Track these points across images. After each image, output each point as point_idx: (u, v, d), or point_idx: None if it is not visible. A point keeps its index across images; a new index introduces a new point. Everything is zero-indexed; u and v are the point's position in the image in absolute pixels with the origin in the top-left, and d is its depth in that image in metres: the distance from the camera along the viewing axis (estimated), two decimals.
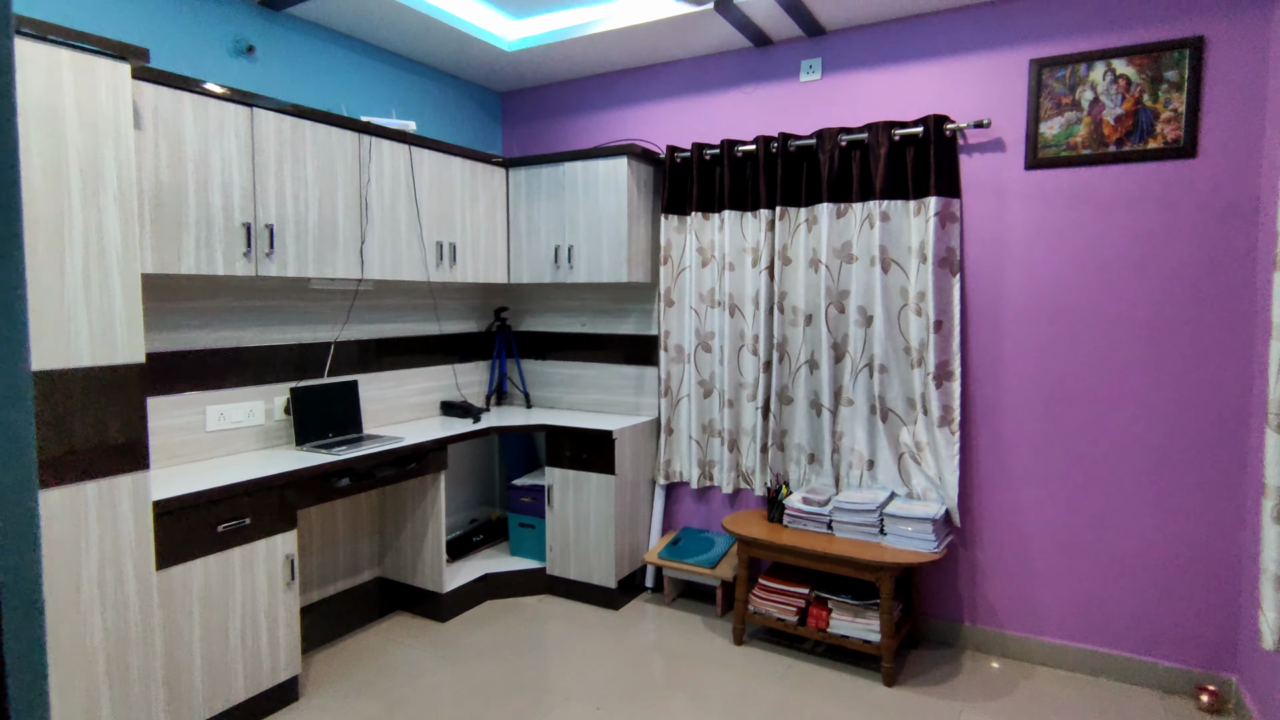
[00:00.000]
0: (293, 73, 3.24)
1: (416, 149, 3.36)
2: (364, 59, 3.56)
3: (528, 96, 4.33)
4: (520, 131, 4.38)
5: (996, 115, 3.06)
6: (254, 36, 3.08)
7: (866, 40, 3.32)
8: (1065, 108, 2.93)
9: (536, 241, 3.83)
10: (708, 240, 3.63)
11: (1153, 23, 2.77)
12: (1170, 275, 2.78)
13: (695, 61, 3.75)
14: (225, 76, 2.98)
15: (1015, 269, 3.05)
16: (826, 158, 3.27)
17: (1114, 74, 2.84)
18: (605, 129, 4.05)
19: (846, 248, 3.29)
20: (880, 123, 3.15)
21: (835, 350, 3.35)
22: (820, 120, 3.45)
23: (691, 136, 3.79)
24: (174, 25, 2.81)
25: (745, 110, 3.63)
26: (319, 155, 2.92)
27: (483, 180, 3.75)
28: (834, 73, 3.40)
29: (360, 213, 3.10)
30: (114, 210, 2.10)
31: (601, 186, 3.60)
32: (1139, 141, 2.82)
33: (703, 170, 3.60)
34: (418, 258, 3.38)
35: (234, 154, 2.62)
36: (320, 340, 3.29)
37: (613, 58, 3.78)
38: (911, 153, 3.11)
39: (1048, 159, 2.97)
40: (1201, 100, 2.72)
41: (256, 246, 2.69)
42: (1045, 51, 2.96)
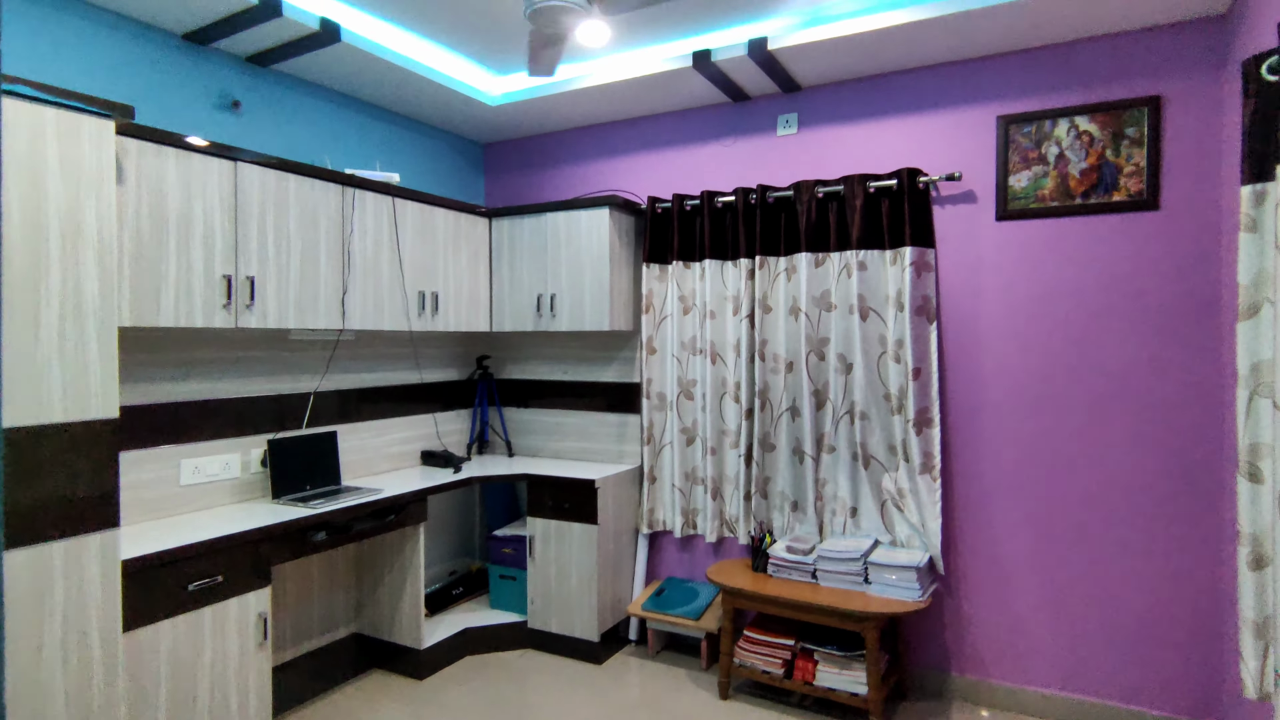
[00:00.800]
0: (278, 126, 3.28)
1: (400, 200, 3.39)
2: (349, 112, 3.61)
3: (511, 148, 4.40)
4: (504, 181, 4.44)
5: (967, 168, 3.15)
6: (240, 92, 3.12)
7: (840, 96, 3.42)
8: (1032, 161, 3.03)
9: (519, 290, 3.85)
10: (689, 289, 3.67)
11: (1112, 83, 2.89)
12: (1141, 323, 2.85)
13: (675, 115, 3.85)
14: (210, 130, 3.01)
15: (991, 317, 3.10)
16: (804, 209, 3.34)
17: (1078, 130, 2.95)
18: (588, 180, 4.12)
19: (825, 296, 3.34)
20: (855, 175, 3.23)
21: (816, 397, 3.38)
22: (797, 172, 3.53)
23: (672, 187, 3.86)
24: (162, 81, 2.84)
25: (725, 162, 3.72)
26: (302, 207, 2.94)
27: (466, 230, 3.78)
28: (810, 127, 3.50)
29: (343, 263, 3.10)
30: (93, 264, 2.09)
31: (584, 236, 3.65)
32: (1104, 194, 2.91)
33: (684, 220, 3.67)
34: (400, 307, 3.38)
35: (216, 207, 2.63)
36: (299, 391, 3.26)
37: (594, 111, 3.86)
38: (886, 204, 3.19)
39: (1018, 210, 3.06)
40: (1162, 156, 2.82)
41: (237, 298, 2.68)
42: (1012, 109, 3.07)
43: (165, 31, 2.86)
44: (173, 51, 2.89)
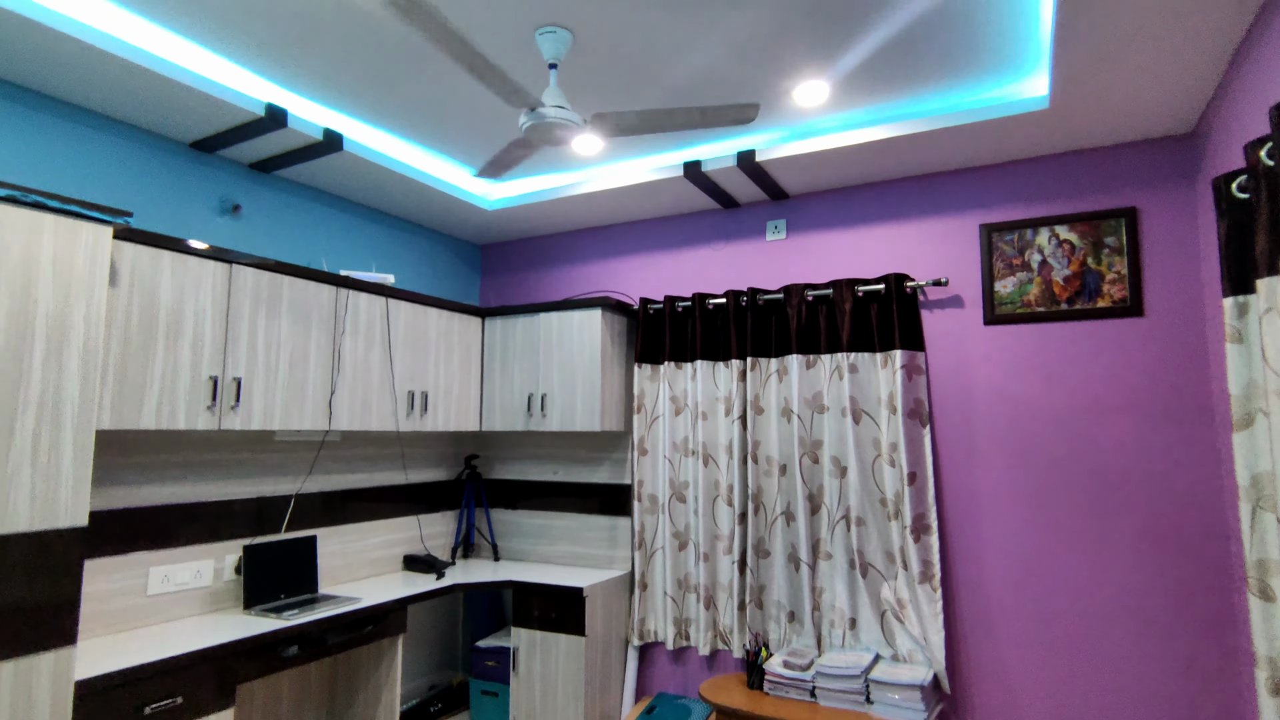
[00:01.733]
0: (276, 229, 3.34)
1: (393, 301, 3.42)
2: (347, 215, 3.70)
3: (507, 249, 4.49)
4: (498, 281, 4.50)
5: (953, 274, 3.21)
6: (241, 196, 3.20)
7: (827, 204, 3.53)
8: (1016, 268, 3.09)
9: (510, 389, 3.83)
10: (680, 389, 3.66)
11: (1089, 194, 2.99)
12: (1137, 431, 2.83)
13: (667, 220, 3.95)
14: (210, 233, 3.06)
15: (983, 421, 3.08)
16: (794, 311, 3.38)
17: (1058, 239, 3.02)
18: (581, 280, 4.18)
19: (817, 398, 3.32)
20: (844, 280, 3.28)
21: (811, 501, 3.30)
22: (787, 276, 3.59)
23: (664, 289, 3.91)
24: (165, 186, 2.91)
25: (715, 265, 3.79)
26: (295, 309, 2.95)
27: (459, 329, 3.80)
28: (799, 232, 3.59)
29: (333, 364, 3.09)
30: (76, 368, 2.07)
31: (576, 336, 3.66)
32: (1089, 301, 2.96)
33: (675, 321, 3.69)
34: (388, 408, 3.34)
35: (209, 308, 2.63)
36: (281, 493, 3.17)
37: (589, 215, 3.96)
38: (875, 308, 3.23)
39: (1005, 315, 3.09)
40: (1142, 264, 2.88)
41: (222, 399, 2.65)
42: (993, 218, 3.16)
43: (172, 140, 2.95)
44: (178, 158, 2.97)
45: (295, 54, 2.53)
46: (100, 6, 2.25)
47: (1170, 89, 2.51)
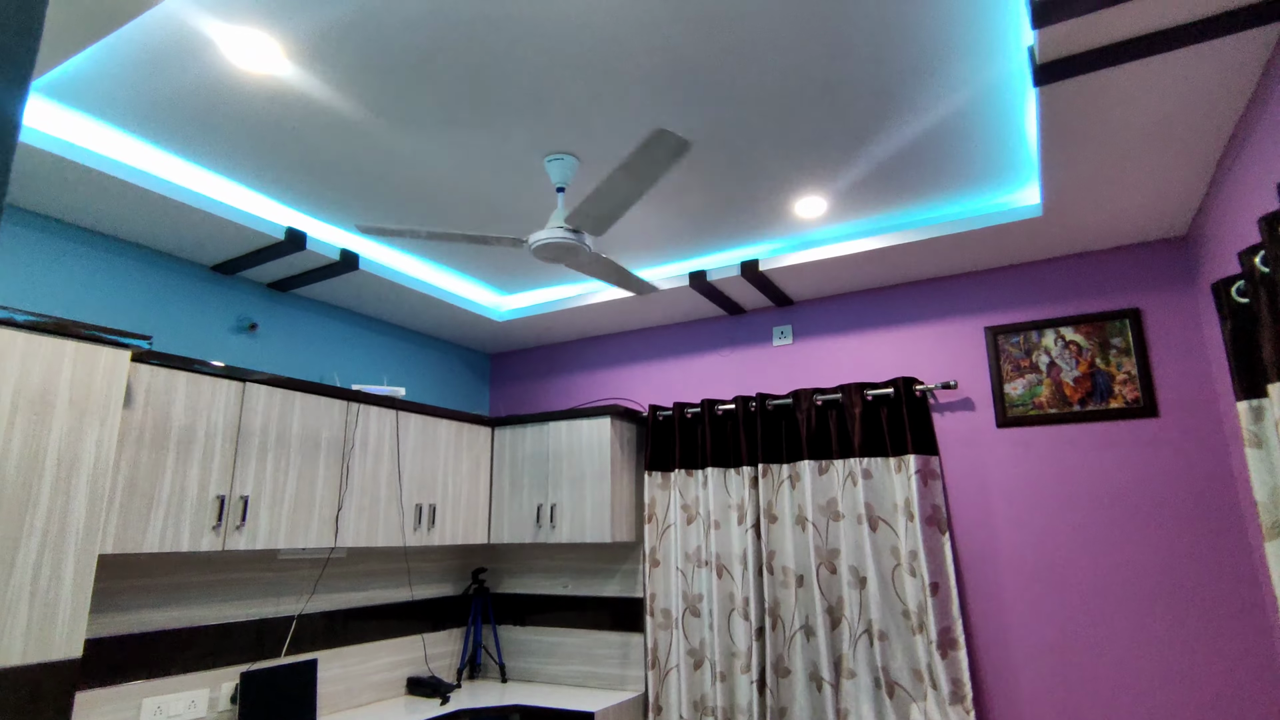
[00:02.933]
0: (291, 345, 3.41)
1: (404, 413, 3.43)
2: (360, 330, 3.78)
3: (516, 358, 4.55)
4: (508, 390, 4.53)
5: (962, 376, 3.21)
6: (258, 314, 3.28)
7: (832, 309, 3.58)
8: (1025, 370, 3.09)
9: (519, 500, 3.77)
10: (692, 497, 3.60)
11: (1091, 296, 3.02)
12: (1164, 537, 2.74)
13: (674, 327, 4.01)
14: (226, 351, 3.12)
15: (1004, 527, 3.00)
16: (804, 416, 3.36)
17: (1064, 340, 3.04)
18: (590, 388, 4.21)
19: (832, 505, 3.25)
20: (853, 384, 3.28)
21: (830, 614, 3.17)
22: (795, 381, 3.60)
23: (673, 395, 3.92)
24: (185, 307, 3.00)
25: (724, 371, 3.81)
26: (305, 424, 2.97)
27: (468, 440, 3.79)
28: (805, 338, 3.62)
29: (341, 479, 3.07)
30: (84, 493, 2.07)
31: (585, 445, 3.64)
32: (1100, 402, 2.93)
33: (685, 428, 3.68)
34: (395, 522, 3.30)
35: (220, 427, 2.65)
36: (283, 614, 3.08)
37: (597, 324, 4.03)
38: (885, 412, 3.21)
39: (1017, 417, 3.07)
40: (1151, 364, 2.88)
41: (228, 519, 2.62)
42: (998, 320, 3.19)
43: (194, 263, 3.07)
44: (199, 281, 3.08)
45: (313, 183, 2.66)
46: (129, 143, 2.39)
47: (1157, 198, 2.58)
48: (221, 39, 1.88)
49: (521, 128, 2.32)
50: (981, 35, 1.92)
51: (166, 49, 1.92)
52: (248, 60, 1.97)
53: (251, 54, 1.95)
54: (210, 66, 1.99)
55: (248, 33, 1.86)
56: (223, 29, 1.85)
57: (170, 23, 1.82)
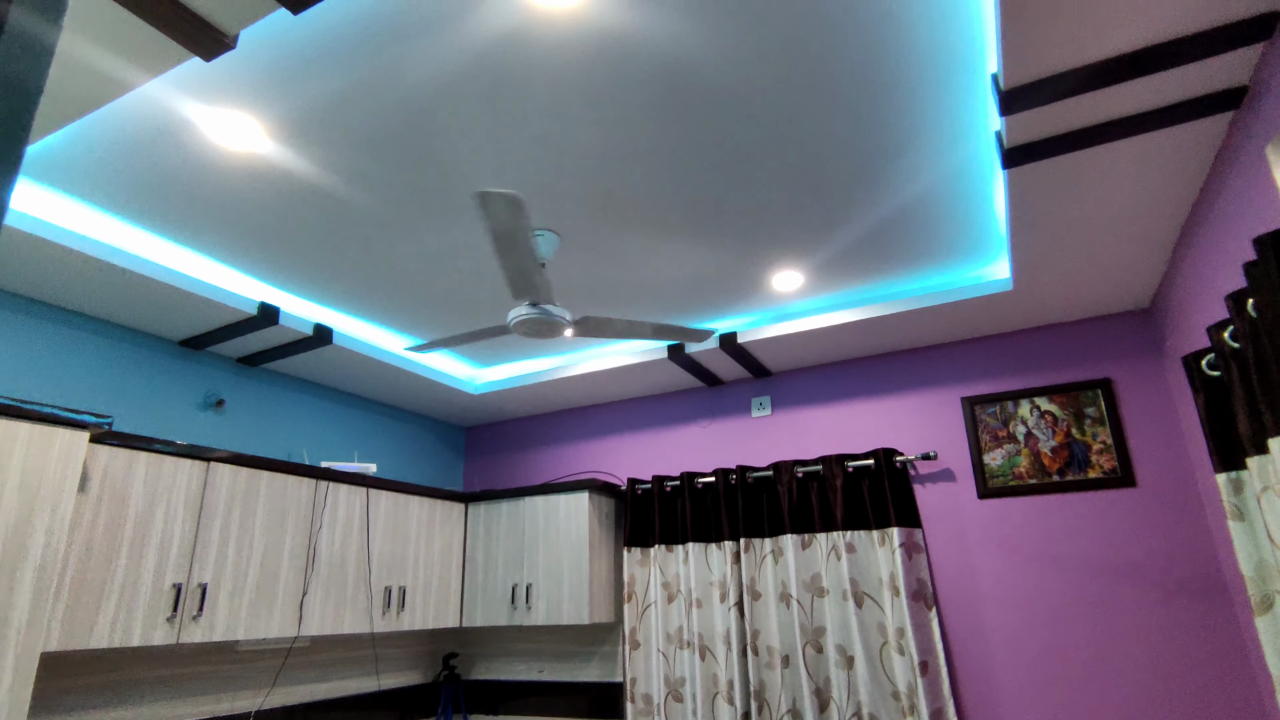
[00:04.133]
0: (259, 421, 3.31)
1: (374, 491, 3.32)
2: (331, 404, 3.69)
3: (492, 431, 4.47)
4: (483, 464, 4.43)
5: (941, 447, 3.21)
6: (226, 390, 3.19)
7: (810, 380, 3.59)
8: (1003, 440, 3.10)
9: (493, 580, 3.64)
10: (672, 574, 3.50)
11: (1064, 367, 3.07)
12: (1148, 611, 2.71)
13: (653, 399, 3.98)
14: (191, 429, 3.02)
15: (991, 602, 2.95)
16: (785, 489, 3.32)
17: (1040, 410, 3.07)
18: (567, 461, 4.13)
19: (816, 580, 3.18)
20: (833, 455, 3.26)
21: (818, 697, 3.06)
22: (775, 452, 3.57)
23: (652, 468, 3.86)
24: (150, 384, 2.90)
25: (703, 443, 3.77)
26: (271, 505, 2.85)
27: (441, 517, 3.68)
28: (784, 409, 3.62)
29: (307, 562, 2.93)
30: (29, 585, 1.93)
31: (562, 521, 3.55)
32: (1079, 472, 2.94)
33: (664, 502, 3.61)
34: (363, 607, 3.14)
35: (180, 510, 2.53)
36: (239, 710, 2.89)
37: (574, 396, 3.99)
38: (867, 483, 3.18)
39: (998, 488, 3.06)
40: (1126, 434, 2.91)
41: (184, 609, 2.47)
42: (974, 390, 3.21)
43: (161, 339, 2.99)
44: (166, 357, 2.99)
45: (287, 257, 2.63)
46: (99, 219, 2.35)
47: (1121, 273, 2.66)
48: (201, 119, 1.88)
49: None
50: (951, 119, 1.99)
51: (142, 127, 1.91)
52: (228, 139, 1.97)
53: (232, 133, 1.94)
54: (188, 145, 1.98)
55: (229, 113, 1.86)
56: (203, 110, 1.84)
57: (146, 103, 1.81)
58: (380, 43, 1.64)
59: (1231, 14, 1.48)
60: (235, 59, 1.67)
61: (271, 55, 1.66)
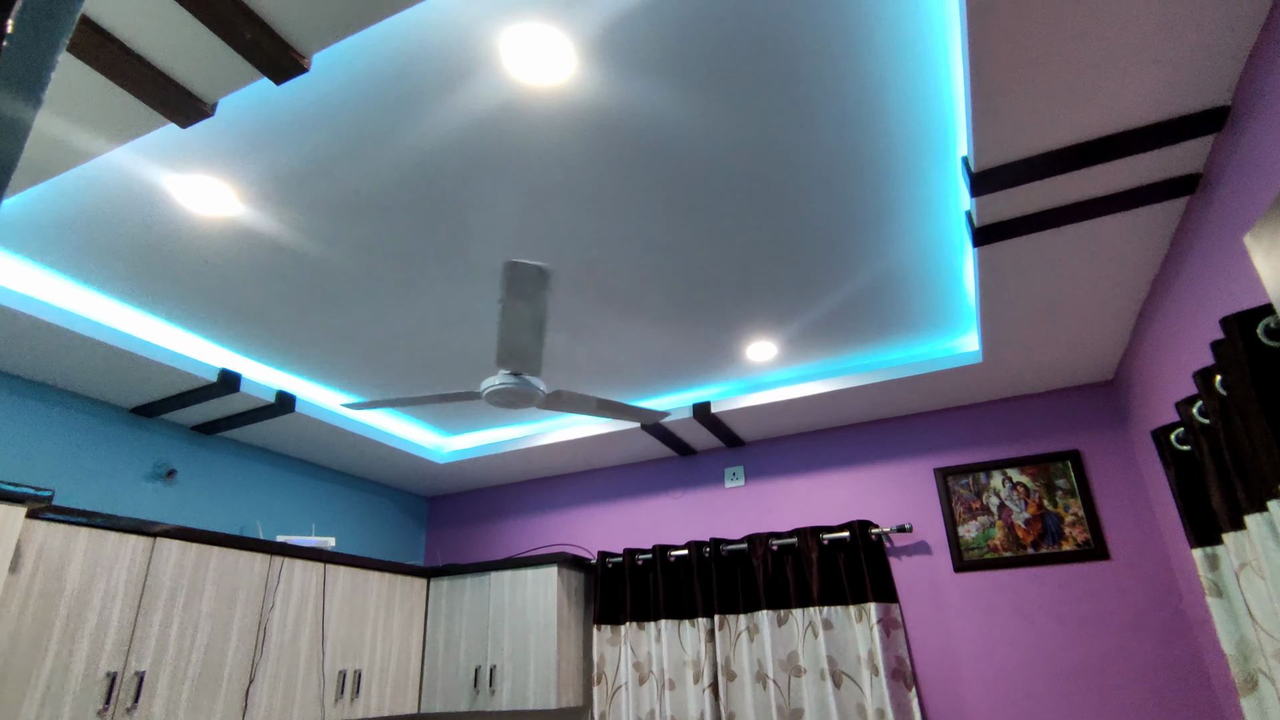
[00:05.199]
0: (212, 492, 3.15)
1: (332, 567, 3.16)
2: (289, 474, 3.54)
3: (457, 501, 4.33)
4: (447, 535, 4.27)
5: (916, 518, 3.18)
6: (178, 459, 3.04)
7: (784, 450, 3.56)
8: (977, 512, 3.09)
9: (455, 662, 3.45)
10: (644, 653, 3.36)
11: (1033, 438, 3.10)
12: (1132, 692, 2.66)
13: (625, 469, 3.91)
14: (139, 501, 2.85)
15: (970, 679, 2.87)
16: (760, 562, 3.25)
17: (1012, 481, 3.07)
18: (535, 533, 4.00)
19: (793, 659, 3.08)
20: (808, 528, 3.21)
21: None
22: (750, 524, 3.51)
23: (623, 540, 3.76)
24: (97, 452, 2.75)
25: (675, 514, 3.69)
26: (221, 584, 2.68)
27: (401, 594, 3.50)
28: (758, 479, 3.57)
29: (255, 645, 2.75)
30: None
31: (530, 598, 3.40)
32: (1052, 544, 2.94)
33: (636, 576, 3.50)
34: (314, 693, 2.94)
35: (121, 591, 2.36)
36: None
37: (544, 465, 3.90)
38: (843, 556, 3.13)
39: (973, 561, 3.03)
40: (1096, 505, 2.92)
41: (117, 701, 2.27)
42: (946, 461, 3.22)
43: (112, 406, 2.85)
44: (115, 425, 2.85)
45: (250, 321, 2.56)
46: (47, 279, 2.26)
47: (1085, 347, 2.72)
48: (169, 184, 1.84)
49: (471, 276, 2.30)
50: (923, 196, 2.04)
51: (104, 190, 1.86)
52: (196, 203, 1.92)
53: (200, 198, 1.90)
54: (152, 208, 1.93)
55: (198, 179, 1.82)
56: (171, 175, 1.80)
57: (109, 167, 1.77)
58: (361, 113, 1.63)
59: (1186, 107, 1.56)
60: (208, 123, 1.64)
61: (247, 120, 1.64)
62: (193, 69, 1.29)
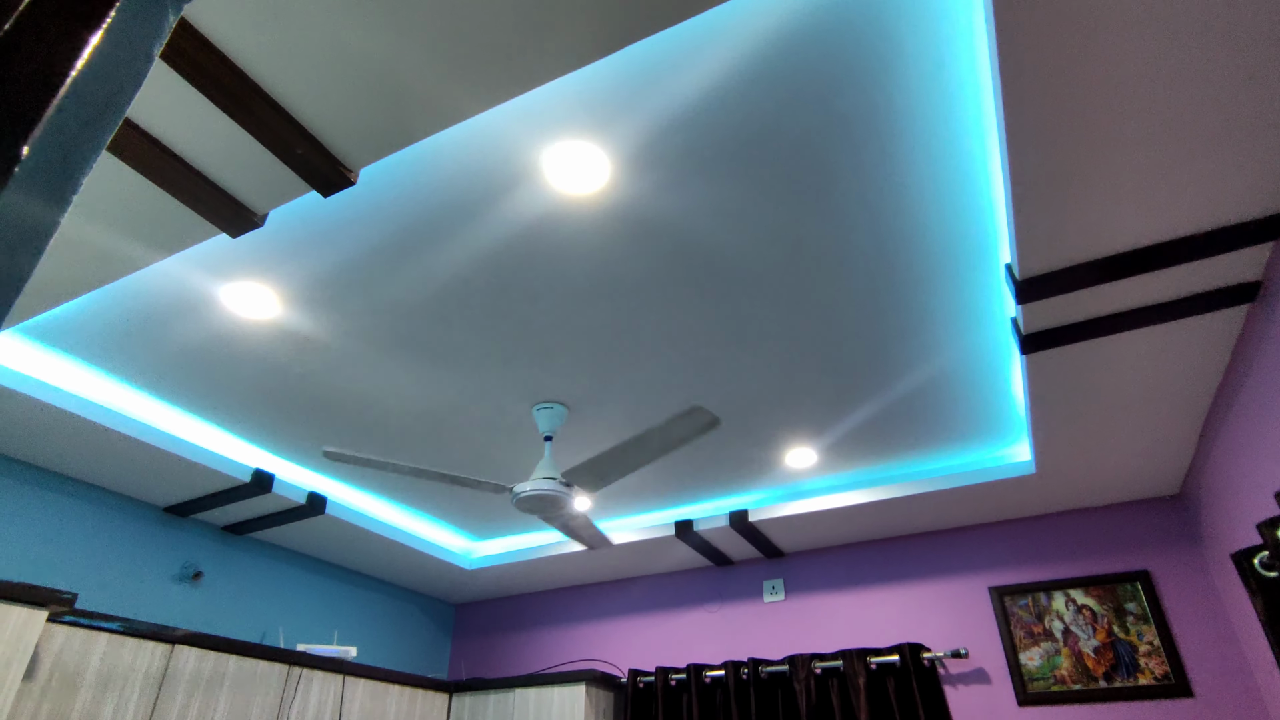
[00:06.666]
0: (236, 595, 3.09)
1: (351, 679, 3.02)
2: (314, 576, 3.47)
3: (484, 608, 4.18)
4: (472, 645, 4.10)
5: (971, 642, 2.95)
6: (206, 560, 3.01)
7: (826, 563, 3.38)
8: (1039, 637, 2.85)
9: None
10: None
11: (1097, 555, 2.89)
12: None
13: (658, 578, 3.75)
14: (163, 602, 2.80)
15: None
16: (802, 687, 3.01)
17: (1076, 604, 2.84)
18: (564, 645, 3.81)
19: None
20: (854, 650, 2.99)
21: None
22: (789, 642, 3.29)
23: (655, 656, 3.55)
24: (126, 552, 2.73)
25: (710, 629, 3.49)
26: (236, 693, 2.57)
27: (421, 711, 3.32)
28: (798, 593, 3.38)
29: None
30: None
31: (556, 718, 3.19)
32: (1128, 677, 2.67)
33: (669, 698, 3.27)
34: None
35: (134, 699, 2.27)
36: None
37: (575, 574, 3.76)
38: (893, 683, 2.89)
39: (1039, 694, 2.77)
40: (1173, 634, 2.67)
41: None
42: (1002, 579, 3.01)
43: (145, 504, 2.86)
44: (148, 523, 2.84)
45: (281, 424, 2.57)
46: (84, 375, 2.31)
47: (1146, 458, 2.57)
48: (214, 290, 1.89)
49: (511, 374, 2.30)
50: (965, 303, 1.99)
51: (147, 295, 1.92)
52: (238, 307, 1.97)
53: (244, 302, 1.95)
54: (194, 313, 1.98)
55: (243, 285, 1.88)
56: (216, 282, 1.86)
57: (154, 272, 1.83)
58: (406, 222, 1.68)
59: (1243, 214, 1.51)
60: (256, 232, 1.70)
61: (294, 228, 1.69)
62: (246, 182, 1.34)
